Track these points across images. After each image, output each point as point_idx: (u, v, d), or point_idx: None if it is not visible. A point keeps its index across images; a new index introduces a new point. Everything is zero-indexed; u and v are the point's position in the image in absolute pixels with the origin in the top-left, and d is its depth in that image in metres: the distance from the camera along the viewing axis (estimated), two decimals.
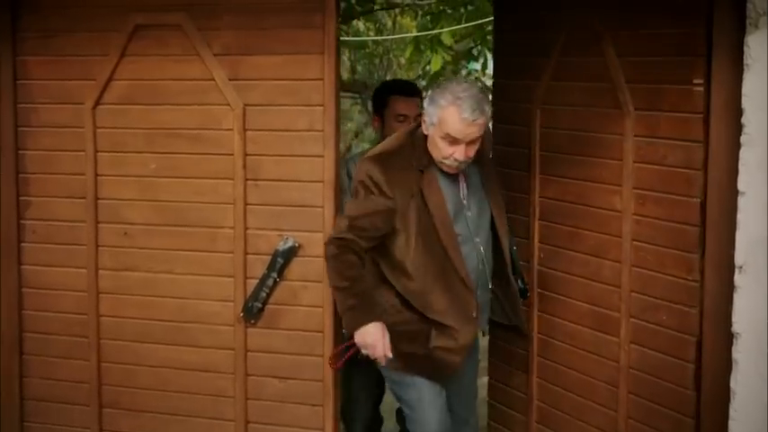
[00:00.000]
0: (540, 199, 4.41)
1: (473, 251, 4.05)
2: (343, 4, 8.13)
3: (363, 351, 4.04)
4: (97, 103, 4.52)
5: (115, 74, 4.49)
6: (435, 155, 3.95)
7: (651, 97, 3.84)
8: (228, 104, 4.35)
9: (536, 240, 4.45)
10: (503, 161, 4.58)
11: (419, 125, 4.05)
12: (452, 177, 4.02)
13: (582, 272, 4.23)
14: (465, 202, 4.05)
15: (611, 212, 4.04)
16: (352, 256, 3.93)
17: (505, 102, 4.66)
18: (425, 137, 3.98)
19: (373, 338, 3.96)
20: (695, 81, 3.66)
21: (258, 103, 4.34)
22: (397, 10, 11.24)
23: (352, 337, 4.07)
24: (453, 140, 3.88)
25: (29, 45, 4.59)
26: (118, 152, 4.53)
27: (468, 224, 4.05)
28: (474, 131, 3.87)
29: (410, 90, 5.16)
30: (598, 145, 4.10)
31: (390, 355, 3.99)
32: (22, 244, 4.70)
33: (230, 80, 4.34)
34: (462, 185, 4.06)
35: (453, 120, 3.84)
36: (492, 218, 4.16)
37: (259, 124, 4.35)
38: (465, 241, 4.02)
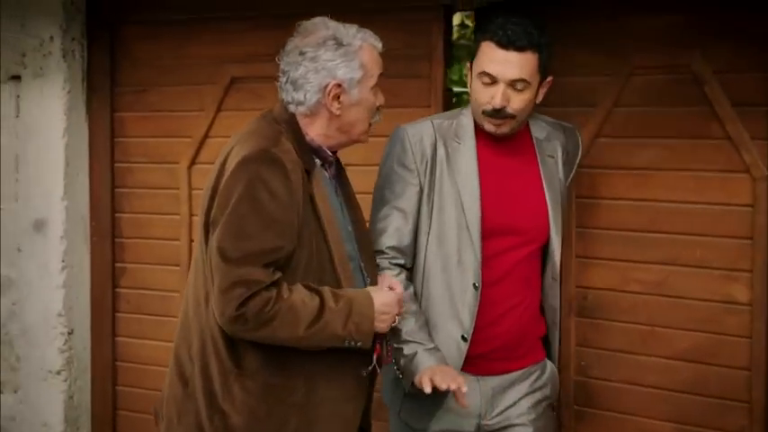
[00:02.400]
0: (578, 289, 3.53)
1: (362, 279, 2.86)
2: None
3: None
4: (193, 162, 4.17)
5: (211, 130, 4.13)
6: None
7: None
8: None
9: (572, 343, 3.54)
10: None
11: (271, 111, 2.88)
12: (331, 180, 2.89)
13: (660, 381, 3.39)
14: (345, 212, 2.91)
15: (727, 305, 3.24)
16: (285, 294, 2.56)
17: None
18: (299, 125, 2.79)
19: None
20: None
21: (358, 162, 3.85)
22: None
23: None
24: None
25: (125, 100, 4.33)
26: None
27: (353, 242, 2.88)
28: None
29: None
30: (692, 217, 3.31)
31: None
32: (117, 314, 4.38)
33: None
34: (337, 190, 2.92)
35: None
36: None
37: (359, 186, 3.86)
38: (355, 267, 2.83)
